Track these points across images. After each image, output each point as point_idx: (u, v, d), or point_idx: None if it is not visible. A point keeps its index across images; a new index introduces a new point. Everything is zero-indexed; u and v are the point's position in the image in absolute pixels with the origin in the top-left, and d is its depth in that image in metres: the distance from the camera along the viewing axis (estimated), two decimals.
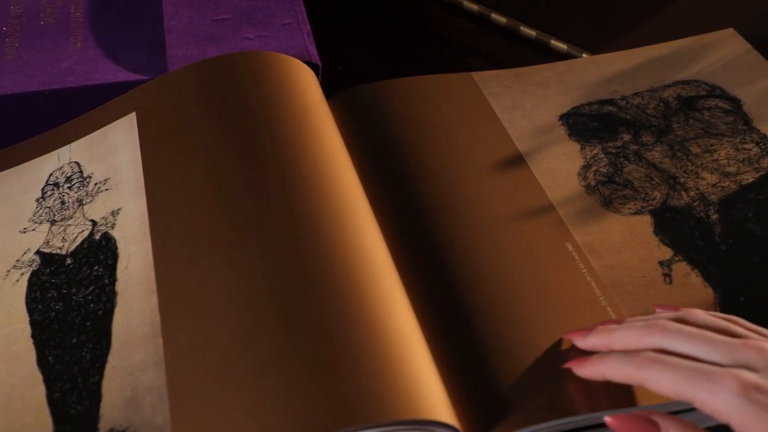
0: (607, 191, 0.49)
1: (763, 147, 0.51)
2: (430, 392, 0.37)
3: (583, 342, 0.39)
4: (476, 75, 0.57)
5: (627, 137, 0.52)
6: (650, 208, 0.48)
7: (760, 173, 0.49)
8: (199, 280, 0.41)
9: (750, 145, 0.51)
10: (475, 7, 0.64)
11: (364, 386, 0.36)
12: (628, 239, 0.46)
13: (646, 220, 0.47)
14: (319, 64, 0.55)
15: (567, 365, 0.39)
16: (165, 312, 0.41)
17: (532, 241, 0.46)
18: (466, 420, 0.38)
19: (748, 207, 0.47)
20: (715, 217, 0.47)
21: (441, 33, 0.64)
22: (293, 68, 0.52)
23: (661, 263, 0.45)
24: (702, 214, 0.47)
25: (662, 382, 0.35)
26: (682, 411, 0.39)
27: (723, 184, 0.49)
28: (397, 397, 0.36)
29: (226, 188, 0.45)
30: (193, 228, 0.44)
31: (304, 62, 0.53)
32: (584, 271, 0.45)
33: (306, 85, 0.51)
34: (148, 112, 0.51)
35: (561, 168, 0.50)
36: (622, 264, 0.45)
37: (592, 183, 0.49)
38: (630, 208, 0.48)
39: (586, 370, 0.38)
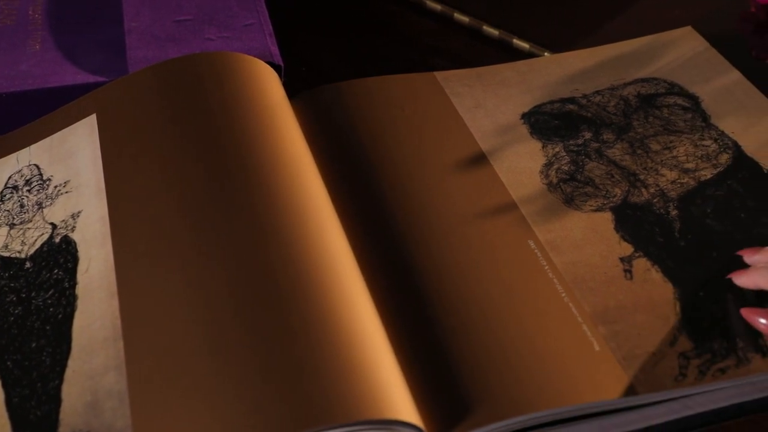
0: (569, 189, 0.49)
1: (720, 143, 0.51)
2: (394, 392, 0.37)
3: (750, 258, 0.44)
4: (439, 75, 0.57)
5: (588, 135, 0.53)
6: (611, 205, 0.48)
7: (718, 169, 0.50)
8: (160, 282, 0.41)
9: (708, 142, 0.52)
10: (438, 7, 0.64)
11: (328, 386, 0.36)
12: (589, 236, 0.47)
13: (607, 217, 0.48)
14: (282, 64, 0.55)
15: (730, 275, 0.44)
16: (126, 315, 0.40)
17: (495, 239, 0.46)
18: (430, 419, 0.38)
19: (707, 203, 0.48)
20: (674, 213, 0.48)
21: (404, 32, 0.64)
22: (255, 69, 0.52)
23: (621, 259, 0.45)
24: (662, 210, 0.48)
25: None
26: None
27: (682, 181, 0.49)
28: (361, 397, 0.36)
29: (188, 190, 0.45)
30: (155, 230, 0.43)
31: (266, 63, 0.53)
32: (546, 268, 0.45)
33: (268, 85, 0.51)
34: (108, 114, 0.50)
35: (523, 166, 0.51)
36: (584, 261, 0.45)
37: (554, 181, 0.50)
38: (591, 206, 0.48)
39: (743, 279, 0.43)
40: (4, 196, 0.48)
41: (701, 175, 0.50)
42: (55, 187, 0.48)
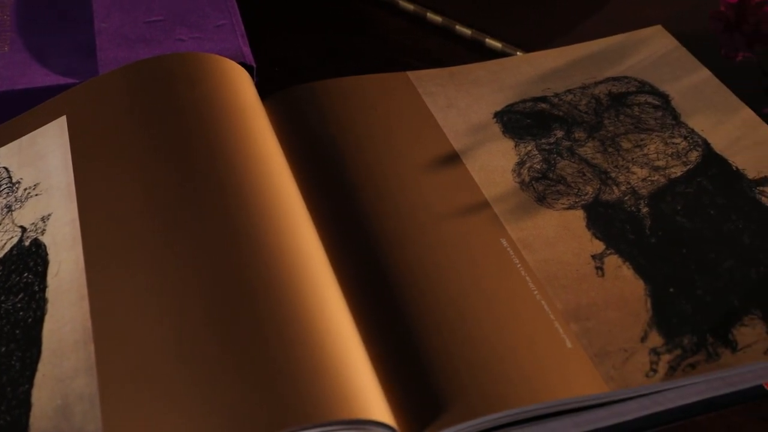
0: (541, 187, 0.50)
1: (690, 141, 0.52)
2: (367, 392, 0.37)
3: None
4: (412, 74, 0.57)
5: (560, 134, 0.53)
6: (583, 202, 0.49)
7: (688, 167, 0.50)
8: (131, 284, 0.41)
9: (678, 140, 0.52)
10: (410, 7, 0.64)
11: (300, 387, 0.36)
12: (561, 234, 0.47)
13: (579, 214, 0.48)
14: (254, 65, 0.55)
15: None
16: (96, 317, 0.40)
17: (468, 237, 0.46)
18: (403, 418, 0.38)
19: (677, 200, 0.48)
20: (645, 210, 0.48)
21: (377, 32, 0.64)
22: (227, 69, 0.52)
23: (593, 257, 0.46)
24: (633, 208, 0.48)
25: None
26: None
27: (653, 178, 0.50)
28: (334, 397, 0.36)
29: (159, 192, 0.44)
30: (125, 232, 0.43)
31: (238, 63, 0.53)
32: (519, 266, 0.45)
33: (240, 86, 0.51)
34: (78, 116, 0.50)
35: (496, 165, 0.51)
36: (556, 258, 0.46)
37: (526, 179, 0.50)
38: (563, 204, 0.49)
39: None
40: None
41: (671, 173, 0.50)
42: (25, 189, 0.48)
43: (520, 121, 0.54)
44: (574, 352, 0.41)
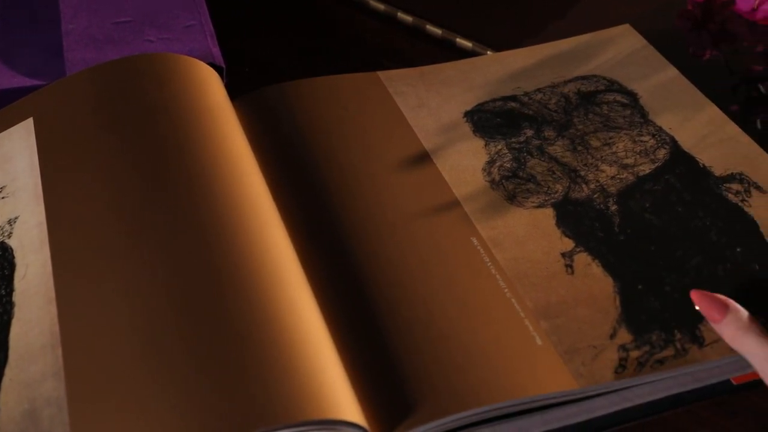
0: (511, 186, 0.50)
1: (658, 139, 0.52)
2: (337, 391, 0.37)
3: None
4: (382, 74, 0.57)
5: (530, 133, 0.53)
6: (552, 201, 0.49)
7: (656, 164, 0.51)
8: (99, 288, 0.41)
9: (646, 138, 0.53)
10: (381, 7, 0.64)
11: (270, 387, 0.36)
12: (531, 232, 0.47)
13: (549, 213, 0.48)
14: (223, 65, 0.54)
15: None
16: (64, 321, 0.40)
17: (438, 237, 0.47)
18: (374, 417, 0.38)
19: (645, 198, 0.49)
20: (614, 208, 0.48)
21: (347, 32, 0.64)
22: (196, 70, 0.51)
23: (563, 254, 0.46)
24: (602, 205, 0.49)
25: None
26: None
27: (621, 176, 0.50)
28: (304, 397, 0.36)
29: (127, 194, 0.44)
30: (93, 235, 0.43)
31: (207, 64, 0.53)
32: (489, 264, 0.45)
33: (209, 87, 0.51)
34: (46, 118, 0.50)
35: (466, 164, 0.51)
36: (526, 257, 0.46)
37: (497, 178, 0.50)
38: (533, 202, 0.49)
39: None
40: None
41: (640, 171, 0.50)
42: None
43: (490, 120, 0.54)
44: (544, 349, 0.41)
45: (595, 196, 0.49)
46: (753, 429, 0.41)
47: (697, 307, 0.42)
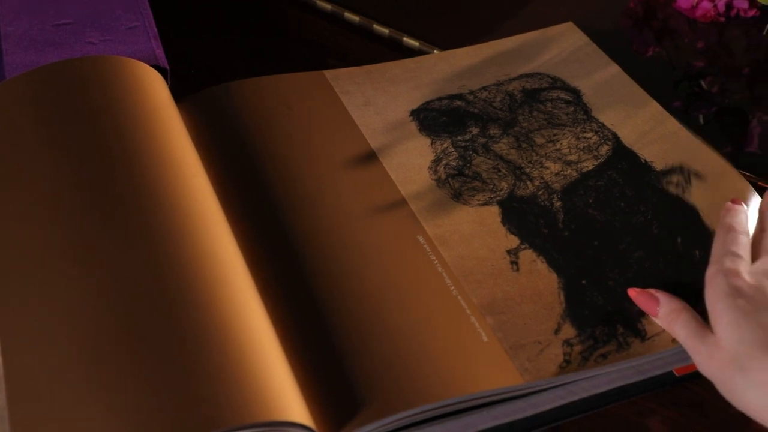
0: (457, 184, 0.50)
1: (601, 135, 0.53)
2: (284, 393, 0.37)
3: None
4: (328, 73, 0.57)
5: (475, 131, 0.53)
6: (498, 198, 0.49)
7: (599, 161, 0.52)
8: (40, 296, 0.40)
9: (589, 134, 0.53)
10: (328, 6, 0.64)
11: (217, 391, 0.36)
12: (477, 230, 0.47)
13: (494, 210, 0.49)
14: (167, 67, 0.54)
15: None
16: (4, 330, 0.39)
17: (385, 235, 0.47)
18: (321, 418, 0.38)
19: (588, 193, 0.50)
20: (558, 204, 0.49)
21: (294, 32, 0.64)
22: (139, 72, 0.51)
23: (508, 252, 0.46)
24: (546, 202, 0.49)
25: None
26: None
27: (565, 173, 0.51)
28: (251, 399, 0.36)
29: (68, 198, 0.43)
30: (34, 240, 0.42)
31: (151, 66, 0.52)
32: (435, 262, 0.46)
33: (153, 89, 0.50)
34: None
35: (412, 163, 0.51)
36: (472, 254, 0.46)
37: (443, 176, 0.51)
38: (479, 200, 0.49)
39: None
40: None
41: (583, 167, 0.51)
42: None
43: (436, 118, 0.54)
44: (490, 345, 0.42)
45: (540, 192, 0.50)
46: (695, 418, 0.42)
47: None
